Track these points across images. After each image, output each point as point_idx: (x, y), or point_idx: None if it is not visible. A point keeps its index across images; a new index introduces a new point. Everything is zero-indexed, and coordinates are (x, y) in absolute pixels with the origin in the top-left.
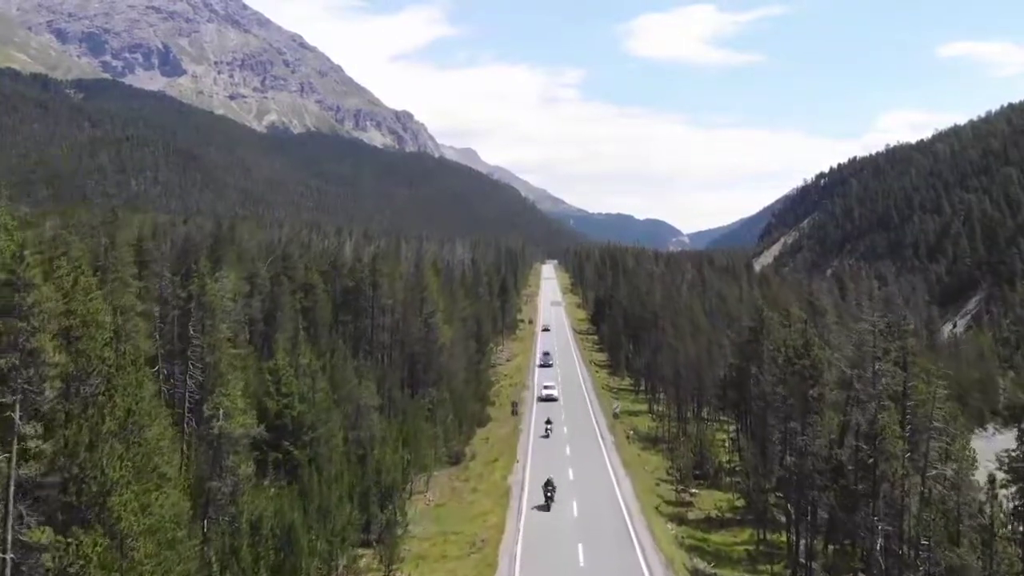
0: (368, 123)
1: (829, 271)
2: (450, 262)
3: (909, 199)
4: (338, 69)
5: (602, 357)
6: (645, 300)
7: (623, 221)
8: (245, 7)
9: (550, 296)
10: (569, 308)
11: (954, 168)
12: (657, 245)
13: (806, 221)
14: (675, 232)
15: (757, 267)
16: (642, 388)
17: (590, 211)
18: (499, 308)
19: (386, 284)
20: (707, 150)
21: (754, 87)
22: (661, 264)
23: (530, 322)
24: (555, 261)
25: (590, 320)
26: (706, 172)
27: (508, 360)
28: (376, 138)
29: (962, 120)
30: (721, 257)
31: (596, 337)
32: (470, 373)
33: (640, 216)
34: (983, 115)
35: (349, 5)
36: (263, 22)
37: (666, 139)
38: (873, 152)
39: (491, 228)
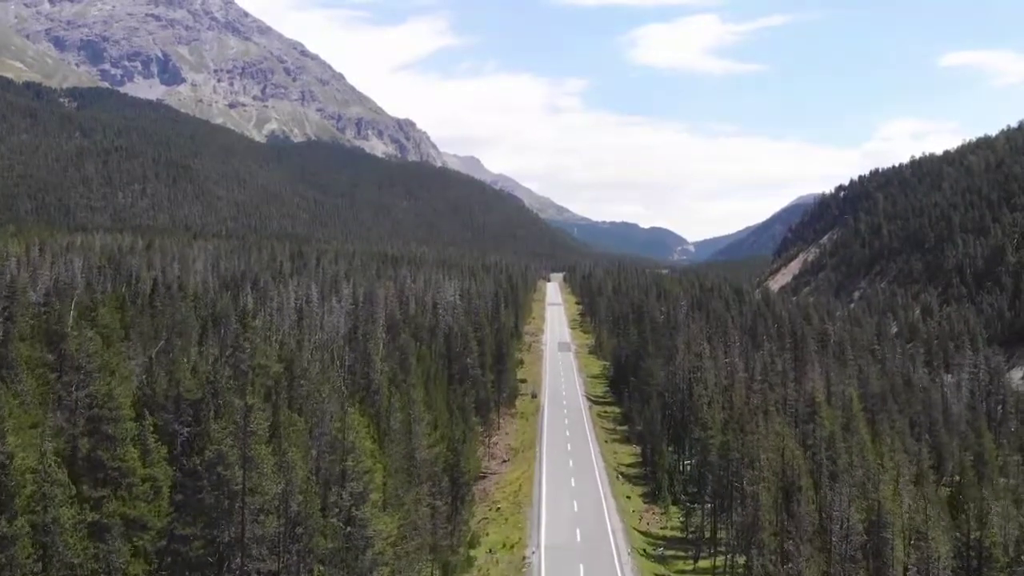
0: (370, 132)
1: (857, 294)
2: (439, 304)
3: (947, 217)
4: (340, 77)
5: (628, 452)
6: (700, 412)
7: (627, 230)
8: (246, 15)
9: (557, 334)
10: (580, 355)
11: (995, 184)
12: (662, 254)
13: (826, 237)
14: (680, 241)
15: (775, 286)
16: (704, 534)
17: (594, 219)
18: (493, 382)
19: (268, 465)
20: (709, 158)
21: (755, 96)
22: (699, 317)
23: (533, 396)
24: (561, 276)
25: (608, 382)
26: (708, 180)
27: (505, 461)
28: (378, 147)
29: (962, 129)
30: (739, 275)
31: (617, 409)
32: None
33: (644, 224)
34: (1015, 125)
35: (353, 16)
36: (264, 30)
37: (669, 148)
38: (897, 163)
39: (493, 239)
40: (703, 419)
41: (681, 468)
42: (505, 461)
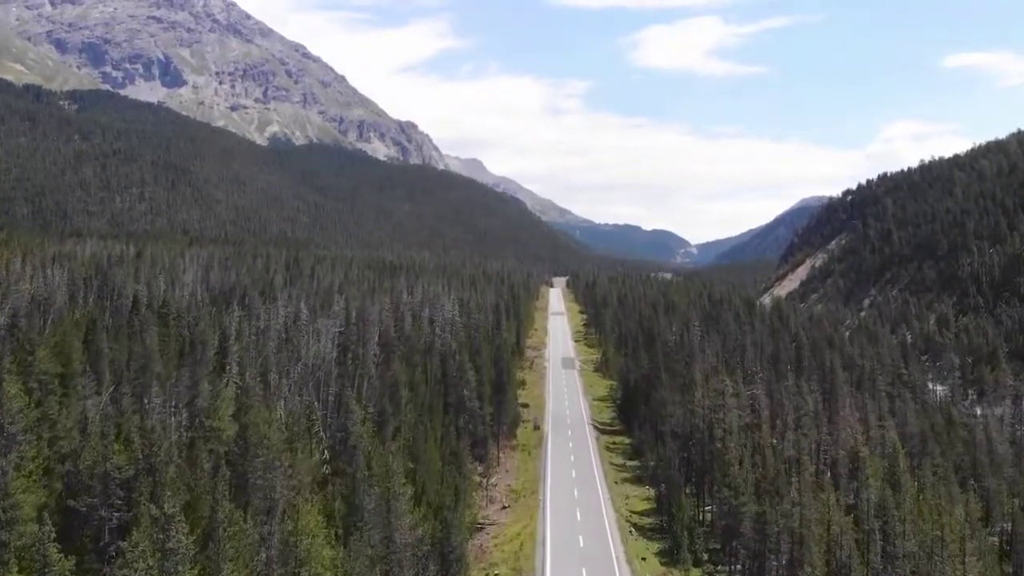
0: (371, 134)
1: (867, 302)
2: (437, 320)
3: (960, 223)
4: (342, 80)
5: (640, 495)
6: (726, 470)
7: (630, 232)
8: (248, 17)
9: (560, 348)
10: (585, 372)
11: (1009, 189)
12: (665, 256)
13: (834, 243)
14: (682, 243)
15: (782, 293)
16: None
17: (596, 221)
18: (492, 415)
19: None
20: (711, 160)
21: (758, 98)
22: (714, 339)
23: (536, 427)
24: (563, 282)
25: (616, 407)
26: (711, 182)
27: (505, 507)
28: (380, 149)
29: (965, 130)
30: (743, 279)
31: (626, 440)
32: None
33: (647, 226)
34: None
35: (354, 18)
36: (265, 32)
37: (671, 149)
38: (904, 168)
39: (494, 242)
40: (732, 481)
41: (700, 518)
42: (505, 507)
